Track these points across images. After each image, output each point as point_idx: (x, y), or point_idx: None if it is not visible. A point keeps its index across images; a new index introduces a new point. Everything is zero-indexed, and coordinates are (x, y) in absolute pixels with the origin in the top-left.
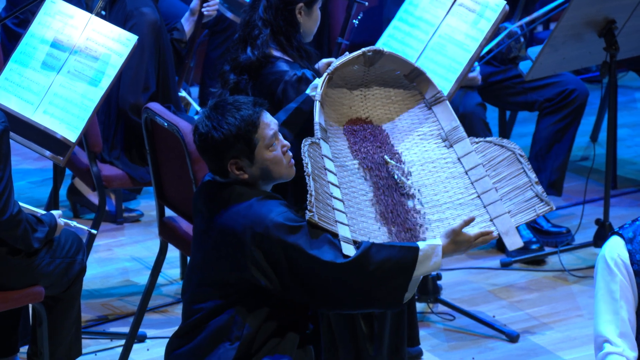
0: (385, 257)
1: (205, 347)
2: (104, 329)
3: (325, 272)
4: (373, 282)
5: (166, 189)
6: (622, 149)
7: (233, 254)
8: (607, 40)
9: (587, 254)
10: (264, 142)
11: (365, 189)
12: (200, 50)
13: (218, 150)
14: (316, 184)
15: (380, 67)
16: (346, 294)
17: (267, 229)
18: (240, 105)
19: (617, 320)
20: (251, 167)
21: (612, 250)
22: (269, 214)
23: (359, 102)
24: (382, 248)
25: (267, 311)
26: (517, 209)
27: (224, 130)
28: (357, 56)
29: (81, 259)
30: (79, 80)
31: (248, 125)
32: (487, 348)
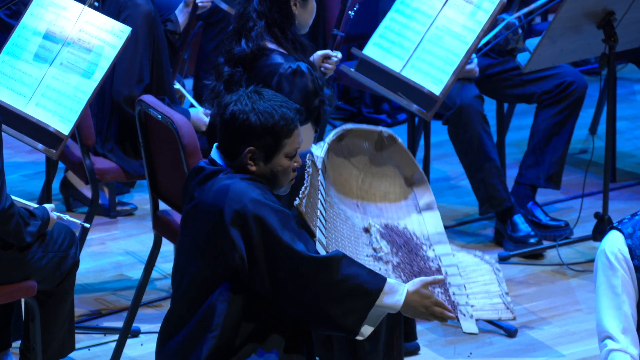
0: (353, 273)
1: (190, 340)
2: (97, 324)
3: (293, 261)
4: (335, 292)
5: (160, 182)
6: (621, 142)
7: (213, 232)
8: (605, 31)
9: (585, 248)
10: (287, 150)
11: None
12: (194, 42)
13: (246, 132)
14: (311, 188)
15: (388, 157)
16: (307, 295)
17: (245, 206)
18: (285, 104)
19: (619, 316)
20: (264, 165)
21: (612, 244)
22: (250, 193)
23: (354, 180)
24: (353, 263)
25: (250, 300)
26: (481, 306)
27: (262, 119)
28: (372, 131)
29: (74, 253)
30: (72, 72)
31: (286, 126)
32: (485, 343)
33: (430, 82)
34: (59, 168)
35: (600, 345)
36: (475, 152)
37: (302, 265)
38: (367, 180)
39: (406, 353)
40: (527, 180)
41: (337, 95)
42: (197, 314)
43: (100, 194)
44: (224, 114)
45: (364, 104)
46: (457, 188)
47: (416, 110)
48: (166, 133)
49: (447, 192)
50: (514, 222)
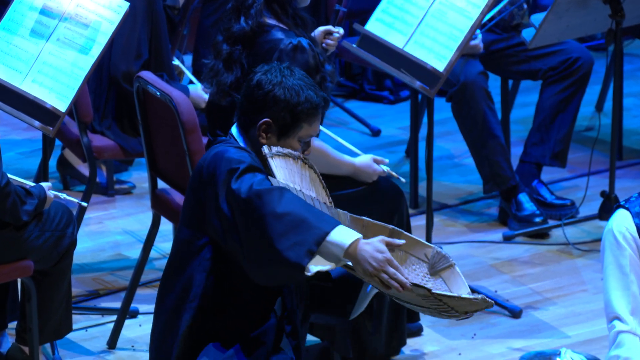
0: (297, 209)
1: (172, 310)
2: (95, 305)
3: (238, 204)
4: (281, 224)
5: (159, 160)
6: (628, 119)
7: (197, 195)
8: (612, 7)
9: (592, 227)
10: (302, 133)
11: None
12: (193, 17)
13: (268, 103)
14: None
15: (446, 279)
16: (256, 232)
17: (217, 162)
18: (314, 88)
19: (628, 296)
20: (275, 140)
21: (619, 223)
22: (231, 157)
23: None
24: (299, 200)
25: (229, 272)
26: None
27: (288, 94)
28: (430, 249)
29: (71, 232)
30: (69, 48)
31: (309, 110)
32: (489, 324)
33: (433, 58)
34: (56, 146)
35: (608, 326)
36: (480, 129)
37: (249, 201)
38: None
39: (409, 334)
40: (532, 158)
41: (339, 71)
42: (178, 282)
43: (97, 172)
44: (251, 80)
45: (366, 80)
46: (461, 166)
47: (419, 87)
48: (165, 110)
49: (450, 170)
50: (518, 200)
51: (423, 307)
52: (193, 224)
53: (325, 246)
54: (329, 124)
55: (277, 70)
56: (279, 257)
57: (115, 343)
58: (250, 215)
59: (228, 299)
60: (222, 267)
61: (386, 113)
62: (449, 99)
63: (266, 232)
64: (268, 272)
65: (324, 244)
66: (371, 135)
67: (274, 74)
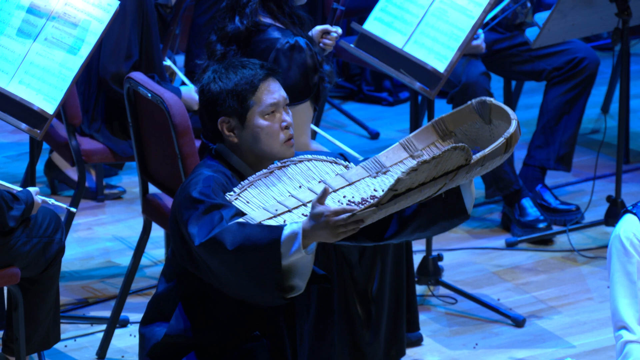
0: (246, 236)
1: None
2: (84, 313)
3: (195, 254)
4: (238, 264)
5: (150, 164)
6: (635, 121)
7: (170, 220)
8: (619, 5)
9: (597, 233)
10: (258, 107)
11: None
12: (186, 16)
13: (213, 104)
14: (273, 178)
15: (500, 126)
16: (220, 277)
17: (180, 200)
18: (247, 64)
19: (635, 304)
20: (242, 130)
21: (627, 229)
22: (191, 187)
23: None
24: (247, 226)
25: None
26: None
27: (221, 84)
28: (466, 108)
29: (59, 238)
30: (57, 48)
31: (246, 84)
32: (492, 333)
33: (434, 59)
34: (44, 149)
35: (615, 335)
36: None
37: (201, 253)
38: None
39: (408, 344)
40: (536, 161)
41: (337, 72)
42: (159, 293)
43: (87, 177)
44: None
45: (364, 81)
46: None
47: (419, 88)
48: (156, 112)
49: None
50: (522, 205)
51: (431, 191)
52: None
53: (288, 263)
54: (325, 127)
55: (211, 70)
56: (257, 296)
57: (105, 353)
58: (210, 265)
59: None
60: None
61: (385, 115)
62: (450, 100)
63: (232, 277)
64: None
65: (285, 266)
66: (369, 138)
67: (208, 75)
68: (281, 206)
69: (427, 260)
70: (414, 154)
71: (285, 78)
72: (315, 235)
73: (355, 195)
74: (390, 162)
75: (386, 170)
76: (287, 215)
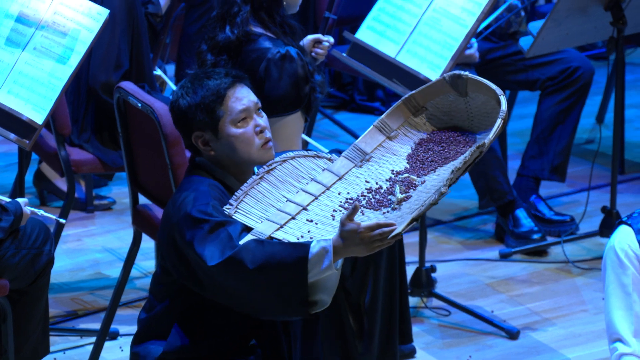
0: (269, 254)
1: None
2: (74, 326)
3: (208, 275)
4: (260, 283)
5: (140, 174)
6: (630, 131)
7: (162, 237)
8: (614, 14)
9: (592, 244)
10: (229, 116)
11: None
12: (176, 25)
13: (184, 120)
14: (265, 185)
15: (477, 97)
16: (239, 296)
17: (178, 220)
18: (212, 74)
19: (630, 317)
20: (216, 142)
21: (622, 241)
22: (187, 205)
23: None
24: (268, 244)
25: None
26: (427, 200)
27: (189, 99)
28: (439, 82)
29: (49, 249)
30: (46, 57)
31: (213, 95)
32: (485, 345)
33: (426, 68)
34: (33, 159)
35: (610, 348)
36: None
37: (215, 276)
38: (475, 119)
39: (401, 356)
40: (530, 172)
41: (329, 81)
42: (153, 313)
43: (76, 187)
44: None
45: (356, 90)
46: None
47: None
48: (146, 122)
49: None
50: (516, 216)
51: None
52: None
53: (319, 281)
54: (317, 137)
55: (179, 86)
56: (278, 311)
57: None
58: (224, 285)
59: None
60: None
61: None
62: None
63: (249, 295)
64: (262, 314)
65: (315, 281)
66: None
67: (178, 90)
68: (283, 214)
69: (420, 272)
70: (390, 134)
71: (276, 88)
72: (347, 252)
73: (350, 191)
74: (370, 147)
75: (369, 157)
76: (293, 224)
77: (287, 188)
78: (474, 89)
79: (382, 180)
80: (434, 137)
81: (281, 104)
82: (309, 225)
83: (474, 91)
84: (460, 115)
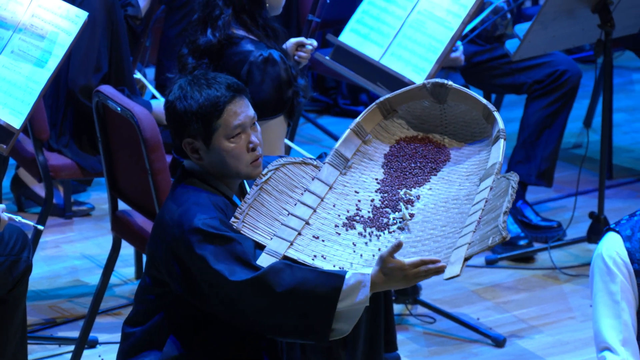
0: (300, 281)
1: (131, 353)
2: (52, 334)
3: (230, 291)
4: (285, 307)
5: (119, 180)
6: (618, 136)
7: (155, 248)
8: (601, 16)
9: (580, 251)
10: (224, 131)
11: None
12: (156, 28)
13: (177, 123)
14: (265, 196)
15: (456, 106)
16: (260, 316)
17: (183, 233)
18: (213, 83)
19: (619, 325)
20: (206, 152)
21: (610, 248)
22: (192, 218)
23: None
24: (298, 270)
25: (194, 326)
26: (479, 240)
27: (186, 104)
28: (417, 88)
29: (26, 256)
30: (24, 61)
31: (211, 107)
32: (471, 353)
33: (411, 72)
34: (10, 165)
35: (598, 357)
36: None
37: (238, 293)
38: (449, 130)
39: None
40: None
41: (312, 85)
42: (147, 325)
43: (54, 193)
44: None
45: (340, 94)
46: None
47: None
48: (126, 127)
49: None
50: None
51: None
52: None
53: (346, 311)
54: (300, 142)
55: (178, 85)
56: (294, 332)
57: None
58: (245, 303)
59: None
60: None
61: None
62: None
63: (271, 315)
64: (278, 336)
65: (342, 310)
66: None
67: (176, 90)
68: (289, 230)
69: None
70: (365, 139)
71: (258, 92)
72: (387, 287)
73: (344, 202)
74: (350, 152)
75: (350, 164)
76: (300, 240)
77: (285, 199)
78: (455, 99)
79: (371, 190)
80: (403, 148)
81: (263, 108)
82: (318, 243)
83: (455, 100)
84: (433, 121)
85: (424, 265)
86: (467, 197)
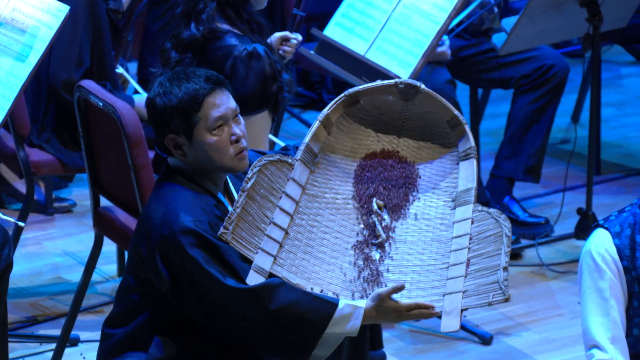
0: (294, 301)
1: (113, 353)
2: (33, 332)
3: (221, 295)
4: (273, 324)
5: (101, 176)
6: (607, 131)
7: (140, 246)
8: (589, 10)
9: (567, 247)
10: (205, 124)
11: (334, 228)
12: (138, 22)
13: (158, 119)
14: (251, 202)
15: (421, 106)
16: (245, 326)
17: (173, 233)
18: (192, 77)
19: (608, 323)
20: (189, 147)
21: (598, 244)
22: (181, 219)
23: (391, 136)
24: (294, 290)
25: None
26: (475, 291)
27: (166, 100)
28: (388, 85)
29: (7, 254)
30: (4, 55)
31: (190, 100)
32: (458, 351)
33: (397, 66)
34: None
35: (586, 354)
36: None
37: (230, 298)
38: (407, 128)
39: None
40: (504, 173)
41: (297, 80)
42: (131, 326)
43: (35, 189)
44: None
45: (325, 89)
46: None
47: None
48: (108, 122)
49: None
50: None
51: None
52: (140, 280)
53: (332, 337)
54: (285, 137)
55: (158, 81)
56: (278, 349)
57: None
58: (233, 311)
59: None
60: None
61: None
62: None
63: (255, 329)
64: (262, 349)
65: (327, 336)
66: None
67: (157, 86)
68: (272, 242)
69: None
70: (330, 130)
71: (242, 86)
72: (377, 321)
73: (315, 207)
74: (317, 147)
75: (317, 160)
76: (283, 254)
77: (266, 205)
78: (423, 102)
79: (338, 193)
80: (368, 165)
81: (248, 103)
82: (298, 259)
83: (423, 103)
84: (392, 114)
85: (419, 309)
86: (440, 219)
